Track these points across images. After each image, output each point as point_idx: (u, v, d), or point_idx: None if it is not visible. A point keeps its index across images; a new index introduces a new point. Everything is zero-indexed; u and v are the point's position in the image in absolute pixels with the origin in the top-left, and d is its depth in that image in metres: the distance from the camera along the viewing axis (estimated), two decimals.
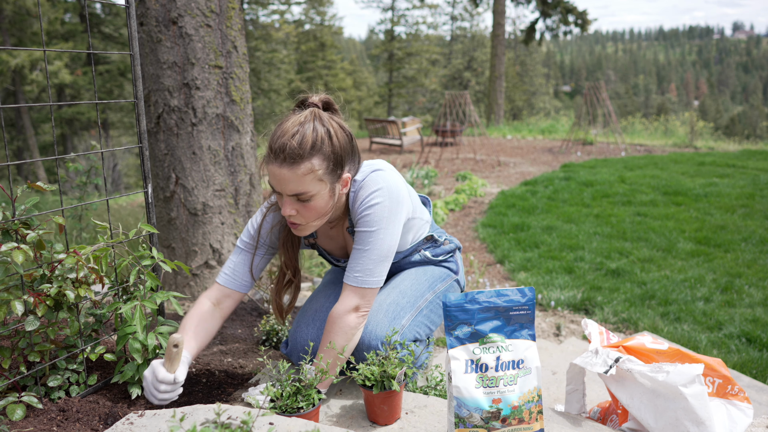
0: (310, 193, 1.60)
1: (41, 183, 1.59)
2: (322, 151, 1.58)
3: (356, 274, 1.67)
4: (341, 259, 1.96)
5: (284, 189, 1.60)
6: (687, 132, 14.11)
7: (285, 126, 1.61)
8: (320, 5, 32.17)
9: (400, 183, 1.73)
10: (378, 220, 1.66)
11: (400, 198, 1.69)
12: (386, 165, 1.77)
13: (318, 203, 1.63)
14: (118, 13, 22.35)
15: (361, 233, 1.68)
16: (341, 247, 1.92)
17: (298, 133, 1.57)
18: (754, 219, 6.25)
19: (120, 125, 24.94)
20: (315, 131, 1.59)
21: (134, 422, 1.39)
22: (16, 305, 1.44)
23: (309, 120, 1.60)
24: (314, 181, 1.59)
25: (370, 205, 1.66)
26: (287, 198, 1.62)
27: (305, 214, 1.64)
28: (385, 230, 1.67)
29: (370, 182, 1.68)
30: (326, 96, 1.70)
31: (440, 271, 2.02)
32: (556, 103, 48.55)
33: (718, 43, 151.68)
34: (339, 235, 1.88)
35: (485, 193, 8.23)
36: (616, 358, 1.69)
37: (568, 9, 20.16)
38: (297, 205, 1.63)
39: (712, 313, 3.95)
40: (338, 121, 1.66)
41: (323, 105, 1.69)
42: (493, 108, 20.27)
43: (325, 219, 1.70)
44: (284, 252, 1.84)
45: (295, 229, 1.70)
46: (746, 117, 56.53)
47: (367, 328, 1.74)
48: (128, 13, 1.72)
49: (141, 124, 1.81)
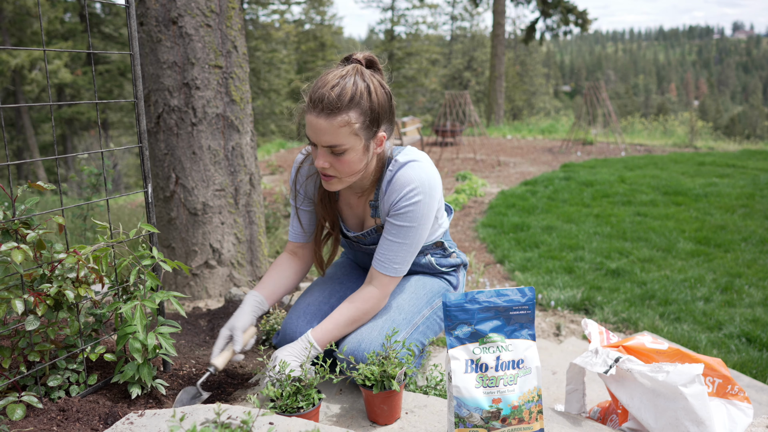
0: (345, 146, 1.62)
1: (41, 182, 1.58)
2: (360, 105, 1.60)
3: (395, 265, 1.74)
4: (351, 231, 1.96)
5: (319, 140, 1.62)
6: (687, 132, 14.11)
7: (326, 78, 1.62)
8: (320, 5, 32.16)
9: (437, 177, 1.76)
10: (418, 217, 1.70)
11: (435, 195, 1.74)
12: (425, 156, 1.79)
13: (351, 157, 1.64)
14: (118, 12, 22.34)
15: (399, 227, 1.71)
16: (358, 217, 1.93)
17: (338, 85, 1.59)
18: (754, 219, 6.25)
19: (120, 125, 24.93)
20: (355, 85, 1.60)
21: (134, 422, 1.39)
22: (17, 304, 1.44)
23: (351, 74, 1.61)
24: (349, 135, 1.61)
25: (411, 201, 1.69)
26: (321, 149, 1.64)
27: (339, 168, 1.66)
28: (422, 227, 1.73)
29: (411, 174, 1.70)
30: (371, 54, 1.71)
31: (440, 286, 2.00)
32: (556, 103, 48.55)
33: (718, 43, 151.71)
34: (359, 206, 1.89)
35: (485, 193, 8.23)
36: (616, 358, 1.69)
37: (568, 9, 20.15)
38: (330, 158, 1.65)
39: (712, 313, 3.95)
40: (379, 79, 1.67)
41: (367, 62, 1.70)
42: (493, 108, 20.26)
43: (358, 176, 1.71)
44: (321, 205, 1.88)
45: (327, 182, 1.72)
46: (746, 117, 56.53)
47: (361, 345, 1.73)
48: (128, 12, 1.72)
49: (141, 124, 1.81)
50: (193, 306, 3.01)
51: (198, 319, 2.63)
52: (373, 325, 1.78)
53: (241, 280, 3.31)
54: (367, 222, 1.91)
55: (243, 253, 3.25)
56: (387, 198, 1.73)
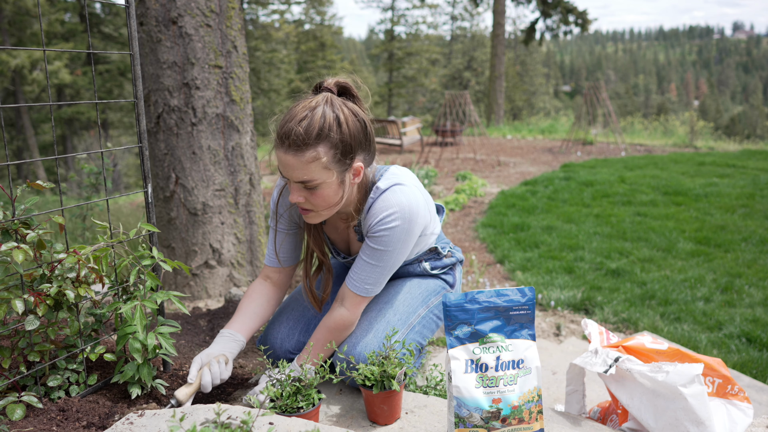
0: (316, 181, 1.55)
1: (40, 181, 1.58)
2: (329, 139, 1.52)
3: (366, 285, 1.69)
4: (341, 253, 1.93)
5: (290, 175, 1.56)
6: (687, 132, 14.11)
7: (294, 111, 1.55)
8: (320, 5, 32.16)
9: (420, 201, 1.68)
10: (393, 242, 1.64)
11: (417, 219, 1.66)
12: (410, 178, 1.72)
13: (326, 192, 1.58)
14: (118, 13, 22.34)
15: (374, 249, 1.66)
16: (344, 241, 1.90)
17: (305, 118, 1.51)
18: (754, 219, 6.25)
19: (120, 125, 24.94)
20: (323, 117, 1.51)
21: (134, 422, 1.39)
22: (17, 303, 1.44)
23: (320, 105, 1.53)
24: (321, 170, 1.53)
25: (387, 227, 1.62)
26: (294, 184, 1.58)
27: (314, 202, 1.60)
28: (397, 251, 1.67)
29: (391, 199, 1.63)
30: (343, 80, 1.62)
31: (435, 285, 1.98)
32: (556, 103, 48.55)
33: (718, 43, 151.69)
34: (345, 230, 1.86)
35: (485, 193, 8.23)
36: (615, 358, 1.69)
37: (568, 9, 20.15)
38: (305, 193, 1.59)
39: (712, 313, 3.95)
40: (351, 107, 1.58)
41: (339, 89, 1.61)
42: (493, 108, 20.27)
43: (336, 208, 1.65)
44: (308, 231, 1.81)
45: (306, 216, 1.67)
46: (746, 117, 56.52)
47: (356, 348, 1.73)
48: (128, 12, 1.72)
49: (141, 124, 1.81)
50: (193, 306, 3.01)
51: (198, 319, 2.63)
52: (369, 327, 1.78)
53: (241, 280, 3.31)
54: (353, 246, 1.87)
55: (243, 253, 3.25)
56: (367, 220, 1.68)
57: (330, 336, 1.73)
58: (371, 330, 1.77)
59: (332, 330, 1.73)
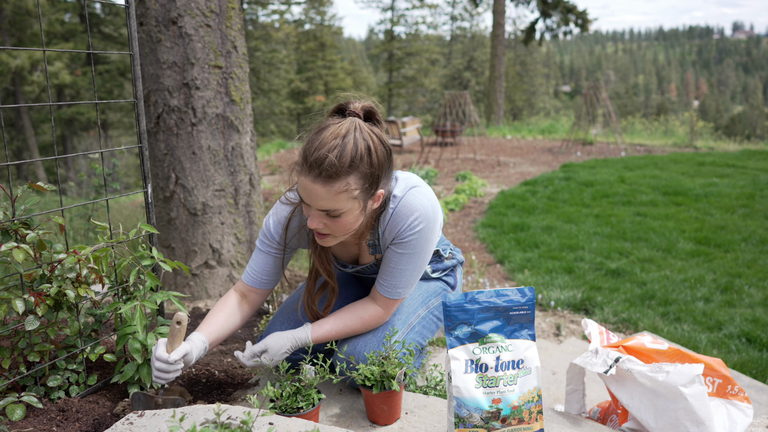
0: (341, 210, 1.51)
1: (41, 183, 1.58)
2: (359, 169, 1.47)
3: (398, 289, 1.70)
4: (348, 265, 1.89)
5: (314, 203, 1.51)
6: (687, 132, 14.11)
7: (324, 136, 1.46)
8: (320, 5, 32.17)
9: (435, 198, 1.70)
10: (421, 243, 1.65)
11: (437, 217, 1.67)
12: (419, 180, 1.72)
13: (348, 219, 1.54)
14: (118, 13, 22.35)
15: (401, 255, 1.65)
16: (352, 255, 1.87)
17: (337, 147, 1.44)
18: (754, 219, 6.25)
19: (120, 125, 24.94)
20: (356, 146, 1.45)
21: (134, 422, 1.39)
22: (17, 304, 1.44)
23: (350, 132, 1.47)
24: (347, 200, 1.49)
25: (414, 231, 1.62)
26: (316, 212, 1.53)
27: (333, 228, 1.56)
28: (425, 252, 1.68)
29: (412, 203, 1.62)
30: (368, 104, 1.56)
31: (436, 286, 1.99)
32: (556, 103, 48.55)
33: (718, 43, 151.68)
34: (354, 246, 1.82)
35: (485, 193, 8.23)
36: (616, 358, 1.70)
37: (568, 9, 20.15)
38: (326, 220, 1.54)
39: (712, 313, 3.95)
40: (378, 135, 1.52)
41: (365, 114, 1.55)
42: (493, 108, 20.27)
43: (353, 232, 1.61)
44: (316, 255, 1.74)
45: (321, 239, 1.62)
46: (746, 117, 56.52)
47: (356, 348, 1.73)
48: (128, 13, 1.72)
49: (141, 124, 1.81)
50: (193, 306, 3.01)
51: (198, 319, 2.63)
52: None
53: None
54: (364, 258, 1.84)
55: (243, 254, 3.25)
56: (389, 231, 1.65)
57: (359, 325, 1.73)
58: (371, 330, 1.77)
59: (365, 322, 1.73)
